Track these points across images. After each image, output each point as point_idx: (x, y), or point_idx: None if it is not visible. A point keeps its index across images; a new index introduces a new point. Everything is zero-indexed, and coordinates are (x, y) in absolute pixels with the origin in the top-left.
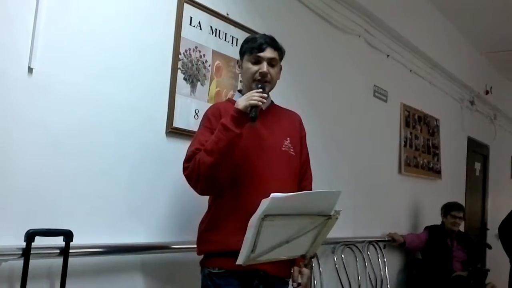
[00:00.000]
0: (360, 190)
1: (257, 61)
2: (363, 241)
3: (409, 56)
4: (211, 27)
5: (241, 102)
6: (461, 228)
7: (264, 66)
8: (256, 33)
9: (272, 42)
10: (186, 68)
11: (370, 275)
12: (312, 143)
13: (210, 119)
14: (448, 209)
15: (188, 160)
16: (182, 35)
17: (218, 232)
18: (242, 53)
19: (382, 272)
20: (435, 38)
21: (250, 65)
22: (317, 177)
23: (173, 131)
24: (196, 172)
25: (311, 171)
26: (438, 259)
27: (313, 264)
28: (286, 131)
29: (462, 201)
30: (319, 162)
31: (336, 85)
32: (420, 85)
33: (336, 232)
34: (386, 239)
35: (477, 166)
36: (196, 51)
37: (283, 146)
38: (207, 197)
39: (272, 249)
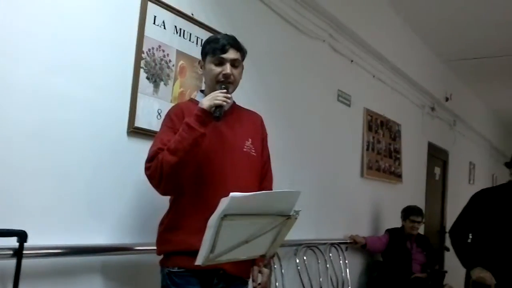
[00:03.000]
0: (322, 193)
1: (220, 63)
2: (325, 243)
3: (373, 62)
4: (175, 26)
5: (206, 101)
6: (421, 230)
7: (228, 68)
8: (219, 33)
9: (234, 43)
10: (149, 67)
11: (331, 277)
12: (276, 145)
13: (173, 119)
14: (408, 213)
15: (150, 159)
16: (145, 33)
17: (178, 232)
18: (204, 53)
19: (343, 274)
20: (398, 45)
21: (213, 67)
22: (280, 178)
23: (134, 131)
24: (159, 172)
25: (272, 172)
26: (398, 261)
27: (275, 266)
28: (248, 132)
29: (422, 205)
30: (282, 164)
31: (301, 88)
32: (383, 91)
33: (299, 234)
34: (348, 241)
35: (437, 170)
36: (159, 50)
37: (245, 147)
38: (169, 198)
39: (232, 249)
